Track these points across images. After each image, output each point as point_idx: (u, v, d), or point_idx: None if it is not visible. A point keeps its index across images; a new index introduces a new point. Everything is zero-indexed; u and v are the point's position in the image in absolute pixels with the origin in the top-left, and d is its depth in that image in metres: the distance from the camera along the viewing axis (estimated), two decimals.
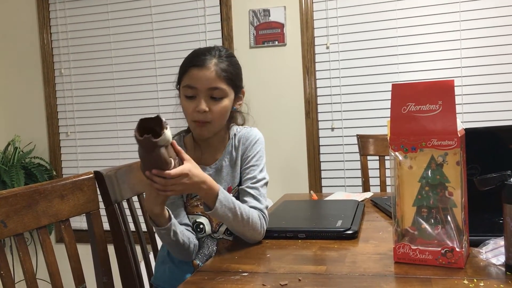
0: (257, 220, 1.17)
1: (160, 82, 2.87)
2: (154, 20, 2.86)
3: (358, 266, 0.96)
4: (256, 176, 1.24)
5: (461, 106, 2.39)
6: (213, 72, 1.19)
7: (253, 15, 2.65)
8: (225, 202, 1.12)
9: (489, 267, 0.91)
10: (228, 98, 1.23)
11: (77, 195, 1.25)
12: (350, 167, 2.58)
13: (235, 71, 1.25)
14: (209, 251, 1.26)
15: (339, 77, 2.57)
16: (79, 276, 1.22)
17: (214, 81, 1.19)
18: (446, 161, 0.90)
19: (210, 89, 1.20)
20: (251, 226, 1.15)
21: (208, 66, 1.19)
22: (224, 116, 1.25)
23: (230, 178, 1.28)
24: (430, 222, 0.93)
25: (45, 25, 3.04)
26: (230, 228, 1.18)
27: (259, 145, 1.28)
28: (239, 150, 1.28)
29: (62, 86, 3.07)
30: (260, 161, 1.27)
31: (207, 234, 1.27)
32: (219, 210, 1.11)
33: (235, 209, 1.13)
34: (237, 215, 1.13)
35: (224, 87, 1.21)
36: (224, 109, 1.23)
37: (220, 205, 1.10)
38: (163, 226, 1.13)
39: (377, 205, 1.53)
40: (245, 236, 1.18)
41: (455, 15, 2.39)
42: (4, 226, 1.03)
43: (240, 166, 1.28)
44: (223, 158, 1.29)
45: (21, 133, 3.11)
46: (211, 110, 1.21)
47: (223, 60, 1.22)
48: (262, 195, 1.23)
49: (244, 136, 1.29)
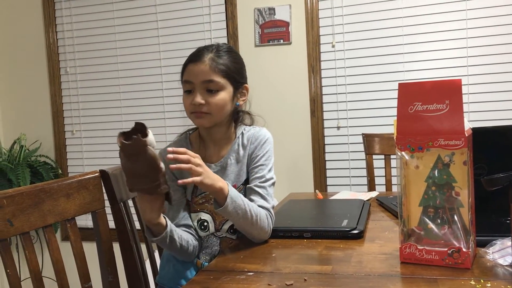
0: (264, 219, 1.17)
1: (166, 80, 2.87)
2: (159, 18, 2.86)
3: (364, 266, 0.96)
4: (264, 175, 1.24)
5: (468, 105, 2.37)
6: (207, 65, 1.22)
7: (258, 14, 2.65)
8: (235, 199, 1.12)
9: (496, 268, 0.91)
10: (225, 91, 1.24)
11: (83, 194, 1.25)
12: (356, 166, 2.58)
13: (234, 65, 1.26)
14: (213, 250, 1.26)
15: (344, 76, 2.57)
16: (84, 274, 1.22)
17: (208, 74, 1.21)
18: (453, 161, 0.90)
19: (205, 82, 1.22)
20: (259, 225, 1.15)
21: (203, 60, 1.22)
22: (223, 108, 1.25)
23: (235, 176, 1.27)
24: (436, 222, 0.92)
25: (50, 23, 3.05)
26: (237, 226, 1.18)
27: (268, 145, 1.28)
28: (247, 149, 1.28)
29: (67, 85, 3.07)
30: (269, 161, 1.27)
31: (211, 233, 1.27)
32: (229, 206, 1.11)
33: (245, 206, 1.13)
34: (247, 213, 1.13)
35: (219, 80, 1.22)
36: (221, 102, 1.23)
37: (230, 201, 1.10)
38: (161, 233, 1.13)
39: (383, 205, 1.52)
40: (252, 235, 1.18)
41: (462, 13, 2.37)
42: (11, 225, 1.03)
43: (247, 165, 1.28)
44: (229, 156, 1.29)
45: (27, 131, 3.12)
46: (208, 102, 1.22)
47: (220, 54, 1.24)
48: (270, 195, 1.23)
49: (253, 136, 1.29)
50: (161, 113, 2.88)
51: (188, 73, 1.24)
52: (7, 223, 1.02)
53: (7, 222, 1.02)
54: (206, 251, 1.27)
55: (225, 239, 1.28)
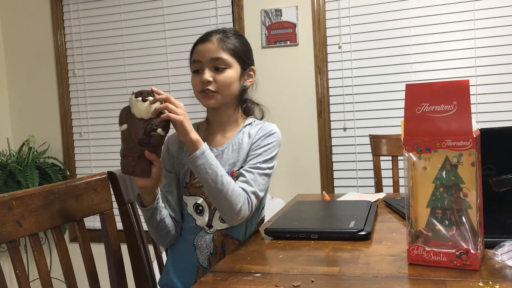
0: (238, 196, 1.15)
1: (173, 82, 2.88)
2: (167, 20, 2.87)
3: (371, 268, 0.96)
4: (256, 163, 1.23)
5: (475, 106, 2.36)
6: (215, 43, 1.25)
7: (265, 15, 2.65)
8: (208, 157, 1.12)
9: (505, 269, 0.90)
10: (232, 69, 1.26)
11: (91, 195, 1.26)
12: (363, 167, 2.57)
13: (241, 45, 1.29)
14: (208, 249, 1.26)
15: (351, 77, 2.56)
16: (92, 275, 1.23)
17: (216, 51, 1.24)
18: (461, 162, 0.89)
19: (213, 60, 1.24)
20: (229, 197, 1.14)
21: (211, 39, 1.26)
22: (230, 86, 1.26)
23: (233, 162, 1.27)
24: (444, 223, 0.92)
25: (58, 26, 3.07)
26: (207, 190, 1.17)
27: (272, 139, 1.28)
28: (251, 139, 1.29)
29: (75, 87, 3.09)
30: (268, 153, 1.25)
31: (203, 228, 1.27)
32: (199, 159, 1.11)
33: (216, 170, 1.13)
34: (217, 176, 1.12)
35: (226, 58, 1.25)
36: (228, 79, 1.25)
37: (201, 155, 1.11)
38: (149, 205, 1.20)
39: (390, 206, 1.52)
40: (221, 209, 1.17)
41: (470, 14, 2.36)
42: (20, 226, 1.04)
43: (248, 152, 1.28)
44: (231, 142, 1.30)
45: (36, 133, 3.15)
46: (216, 80, 1.25)
47: (227, 35, 1.28)
48: (256, 182, 1.21)
49: (261, 129, 1.30)
50: None
51: (196, 53, 1.27)
52: (16, 224, 1.03)
53: (16, 224, 1.03)
54: (202, 251, 1.27)
55: (217, 234, 1.27)
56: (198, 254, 1.27)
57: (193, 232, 1.29)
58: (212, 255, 1.26)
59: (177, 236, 1.31)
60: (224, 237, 1.27)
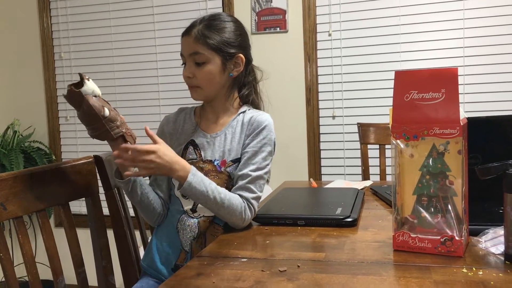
0: (236, 207, 1.17)
1: (161, 67, 2.84)
2: (155, 4, 2.82)
3: (357, 254, 0.96)
4: (253, 169, 1.23)
5: (463, 96, 2.38)
6: (192, 37, 1.24)
7: (255, 1, 2.63)
8: (195, 184, 1.13)
9: (488, 256, 0.91)
10: (211, 63, 1.25)
11: (76, 179, 1.25)
12: (350, 155, 2.58)
13: (220, 35, 1.26)
14: (192, 234, 1.26)
15: (340, 65, 2.56)
16: (78, 260, 1.22)
17: (193, 46, 1.24)
18: (448, 149, 0.90)
19: (192, 55, 1.25)
20: (226, 210, 1.16)
21: (191, 33, 1.25)
22: (211, 81, 1.27)
23: (226, 151, 1.27)
24: (430, 210, 0.92)
25: (45, 8, 3.01)
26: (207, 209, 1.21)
27: (265, 132, 1.27)
28: (244, 130, 1.28)
29: (61, 70, 3.05)
30: (262, 151, 1.25)
31: (186, 212, 1.27)
32: (187, 190, 1.13)
33: (207, 192, 1.14)
34: (209, 198, 1.14)
35: (203, 52, 1.24)
36: (208, 75, 1.25)
37: (188, 186, 1.13)
38: (125, 178, 1.19)
39: (376, 194, 1.53)
40: (224, 219, 1.20)
41: (459, 3, 2.36)
42: (4, 209, 1.03)
43: (242, 144, 1.27)
44: (225, 130, 1.29)
45: (21, 116, 3.10)
46: (195, 75, 1.26)
47: (210, 24, 1.26)
48: (256, 185, 1.22)
49: (254, 119, 1.28)
50: (156, 100, 2.86)
51: (181, 46, 1.28)
52: (0, 206, 1.02)
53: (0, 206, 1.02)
54: (185, 235, 1.26)
55: (203, 219, 1.26)
56: (180, 237, 1.26)
57: (177, 214, 1.28)
58: (195, 240, 1.25)
59: (164, 215, 1.31)
60: (210, 223, 1.26)
